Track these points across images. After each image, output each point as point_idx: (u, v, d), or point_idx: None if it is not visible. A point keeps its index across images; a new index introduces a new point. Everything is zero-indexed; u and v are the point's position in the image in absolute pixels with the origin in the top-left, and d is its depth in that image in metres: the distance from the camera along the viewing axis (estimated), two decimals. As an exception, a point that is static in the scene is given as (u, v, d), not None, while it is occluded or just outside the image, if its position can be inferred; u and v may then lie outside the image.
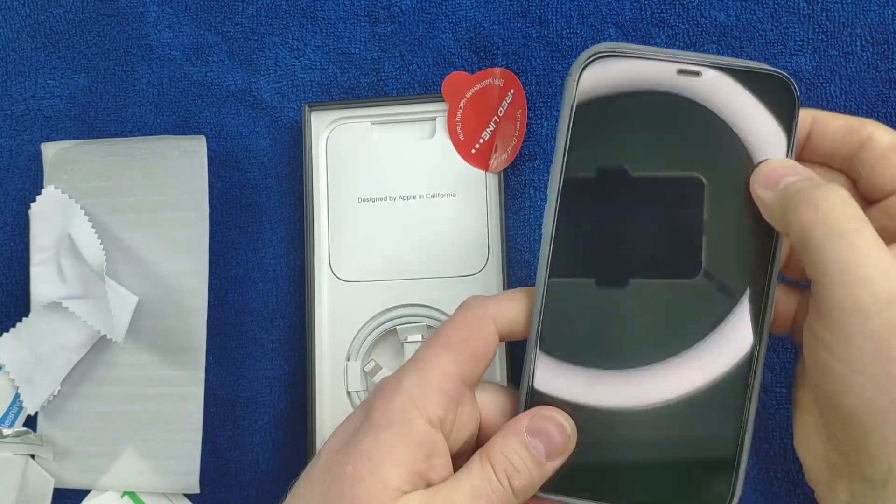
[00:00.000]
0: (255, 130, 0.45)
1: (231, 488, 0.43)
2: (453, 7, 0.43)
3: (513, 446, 0.27)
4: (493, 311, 0.29)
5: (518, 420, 0.28)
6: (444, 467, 0.28)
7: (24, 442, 0.43)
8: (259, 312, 0.44)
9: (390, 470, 0.26)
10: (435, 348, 0.29)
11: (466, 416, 0.29)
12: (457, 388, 0.28)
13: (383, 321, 0.41)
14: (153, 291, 0.43)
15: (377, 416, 0.27)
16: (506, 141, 0.41)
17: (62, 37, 0.47)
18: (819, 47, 0.40)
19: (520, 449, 0.27)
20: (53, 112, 0.47)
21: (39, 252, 0.44)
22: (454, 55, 0.43)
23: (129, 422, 0.43)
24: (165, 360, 0.43)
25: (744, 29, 0.40)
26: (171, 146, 0.44)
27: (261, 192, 0.44)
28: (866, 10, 0.39)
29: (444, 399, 0.28)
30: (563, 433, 0.28)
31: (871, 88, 0.39)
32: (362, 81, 0.44)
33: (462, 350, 0.28)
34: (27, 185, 0.46)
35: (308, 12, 0.44)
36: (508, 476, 0.27)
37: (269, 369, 0.43)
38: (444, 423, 0.28)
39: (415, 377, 0.28)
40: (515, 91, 0.41)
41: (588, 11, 0.42)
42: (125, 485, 0.43)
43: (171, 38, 0.46)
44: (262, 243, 0.44)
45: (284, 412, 0.43)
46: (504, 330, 0.29)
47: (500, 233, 0.40)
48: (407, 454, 0.27)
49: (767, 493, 0.39)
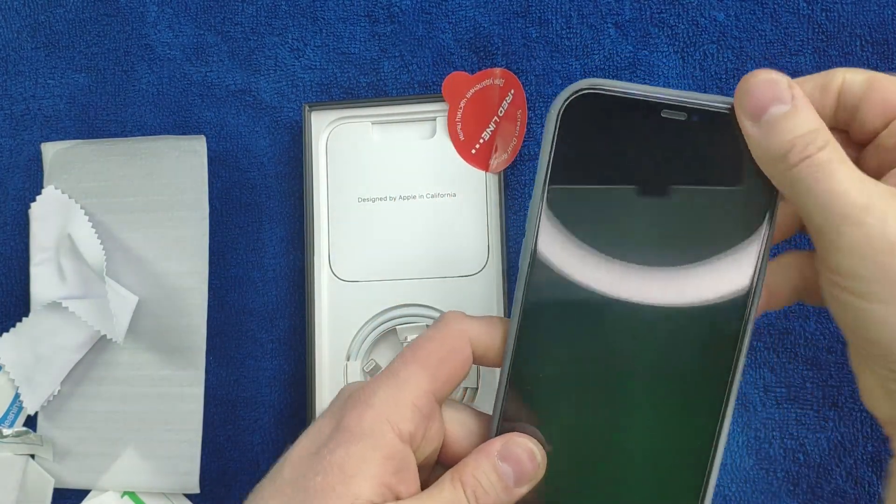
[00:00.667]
0: (255, 130, 0.45)
1: (231, 488, 0.43)
2: (453, 7, 0.43)
3: (483, 469, 0.28)
4: (472, 331, 0.29)
5: (490, 444, 0.28)
6: (413, 481, 0.28)
7: (24, 442, 0.43)
8: (259, 312, 0.44)
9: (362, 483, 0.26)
10: (411, 365, 0.29)
11: (434, 431, 0.29)
12: (429, 405, 0.28)
13: (383, 321, 0.41)
14: (153, 291, 0.43)
15: (349, 428, 0.27)
16: (506, 141, 0.41)
17: (62, 37, 0.47)
18: (819, 47, 0.40)
19: (490, 473, 0.28)
20: (53, 112, 0.47)
21: (39, 252, 0.44)
22: (454, 55, 0.43)
23: (129, 422, 0.43)
24: (165, 360, 0.43)
25: (744, 29, 0.40)
26: (171, 146, 0.44)
27: (261, 192, 0.44)
28: (866, 10, 0.39)
29: (416, 415, 0.28)
30: (534, 461, 0.28)
31: (870, 88, 0.39)
32: (362, 81, 0.44)
33: (438, 369, 0.29)
34: (27, 185, 0.46)
35: (308, 12, 0.44)
36: (477, 498, 0.27)
37: (269, 369, 0.43)
38: (414, 438, 0.28)
39: (390, 392, 0.28)
40: (515, 91, 0.41)
41: (588, 11, 0.42)
42: (125, 485, 0.43)
43: (171, 38, 0.46)
44: (262, 243, 0.44)
45: (284, 412, 0.43)
46: (478, 353, 0.30)
47: (500, 233, 0.40)
48: (378, 467, 0.27)
49: (767, 493, 0.39)
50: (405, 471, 0.28)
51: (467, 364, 0.29)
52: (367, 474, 0.26)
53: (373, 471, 0.27)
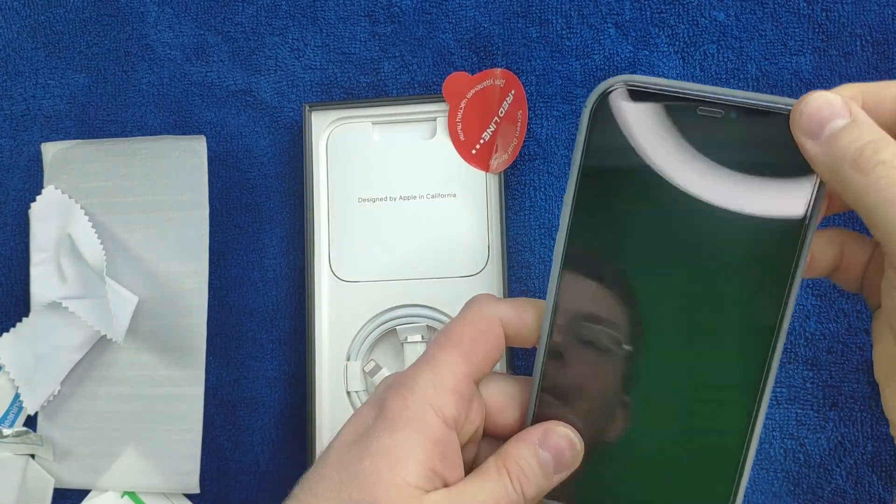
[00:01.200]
0: (255, 130, 0.45)
1: (231, 488, 0.43)
2: (453, 7, 0.43)
3: (525, 457, 0.28)
4: (502, 313, 0.30)
5: (531, 432, 0.29)
6: (458, 466, 0.28)
7: (24, 442, 0.43)
8: (259, 312, 0.44)
9: (410, 468, 0.27)
10: (447, 348, 0.29)
11: (475, 412, 0.29)
12: (468, 388, 0.29)
13: (383, 321, 0.41)
14: (153, 291, 0.43)
15: (393, 414, 0.28)
16: (506, 141, 0.41)
17: (62, 37, 0.47)
18: (819, 47, 0.40)
19: (531, 460, 0.28)
20: (53, 112, 0.47)
21: (39, 252, 0.44)
22: (454, 55, 0.43)
23: (129, 422, 0.43)
24: (165, 360, 0.43)
25: (744, 29, 0.40)
26: (171, 146, 0.44)
27: (261, 192, 0.44)
28: (866, 10, 0.39)
29: (457, 399, 0.28)
30: (573, 449, 0.29)
31: (871, 88, 0.39)
32: (362, 81, 0.44)
33: (473, 350, 0.29)
34: (27, 185, 0.46)
35: (308, 12, 0.44)
36: (522, 485, 0.28)
37: (269, 369, 0.43)
38: (458, 422, 0.28)
39: (429, 377, 0.28)
40: (516, 91, 0.41)
41: (588, 11, 0.42)
42: (125, 485, 0.43)
43: (171, 38, 0.46)
44: (262, 243, 0.44)
45: (284, 412, 0.43)
46: (509, 334, 0.30)
47: (500, 233, 0.40)
48: (424, 453, 0.27)
49: (768, 493, 0.39)
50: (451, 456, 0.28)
51: (501, 345, 0.30)
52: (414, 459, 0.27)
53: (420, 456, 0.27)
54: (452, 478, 0.28)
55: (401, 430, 0.27)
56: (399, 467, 0.26)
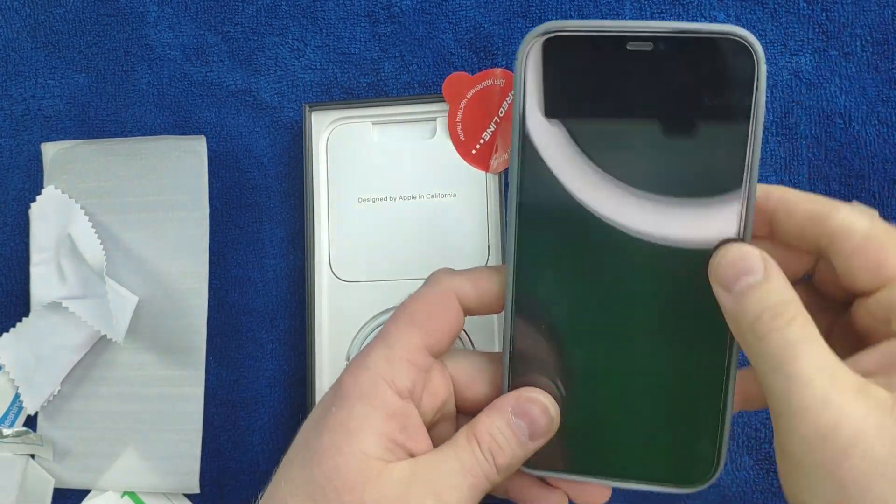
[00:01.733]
0: (255, 130, 0.45)
1: (231, 488, 0.43)
2: (453, 7, 0.43)
3: (497, 426, 0.28)
4: (458, 286, 0.30)
5: (503, 400, 0.29)
6: (423, 437, 0.28)
7: (24, 442, 0.43)
8: (259, 312, 0.44)
9: (367, 439, 0.27)
10: (400, 324, 0.29)
11: (436, 383, 0.29)
12: (423, 359, 0.29)
13: (383, 321, 0.41)
14: (153, 291, 0.43)
15: (347, 391, 0.28)
16: (506, 141, 0.41)
17: (62, 37, 0.47)
18: (819, 47, 0.40)
19: (504, 429, 0.28)
20: (53, 112, 0.47)
21: (39, 252, 0.44)
22: (454, 55, 0.43)
23: (129, 422, 0.43)
24: (165, 360, 0.43)
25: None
26: (171, 146, 0.44)
27: (261, 192, 0.44)
28: (866, 10, 0.39)
29: (411, 370, 0.28)
30: (547, 415, 0.29)
31: (871, 88, 0.39)
32: (362, 81, 0.44)
33: (427, 323, 0.29)
34: (27, 185, 0.46)
35: (308, 12, 0.44)
36: (493, 454, 0.28)
37: (269, 369, 0.43)
38: (414, 393, 0.28)
39: (382, 352, 0.29)
40: (515, 91, 0.41)
41: (588, 11, 0.42)
42: (125, 485, 0.43)
43: (171, 38, 0.46)
44: (262, 243, 0.44)
45: (284, 412, 0.43)
46: (472, 304, 0.30)
47: (500, 233, 0.40)
48: (382, 424, 0.27)
49: (768, 493, 0.39)
50: (412, 427, 0.28)
51: (458, 316, 0.30)
52: (370, 431, 0.27)
53: (377, 428, 0.27)
54: (418, 449, 0.28)
55: (355, 404, 0.27)
56: (355, 440, 0.27)
